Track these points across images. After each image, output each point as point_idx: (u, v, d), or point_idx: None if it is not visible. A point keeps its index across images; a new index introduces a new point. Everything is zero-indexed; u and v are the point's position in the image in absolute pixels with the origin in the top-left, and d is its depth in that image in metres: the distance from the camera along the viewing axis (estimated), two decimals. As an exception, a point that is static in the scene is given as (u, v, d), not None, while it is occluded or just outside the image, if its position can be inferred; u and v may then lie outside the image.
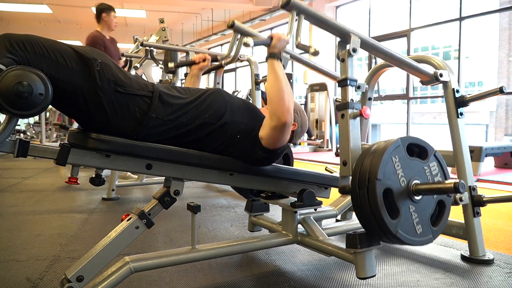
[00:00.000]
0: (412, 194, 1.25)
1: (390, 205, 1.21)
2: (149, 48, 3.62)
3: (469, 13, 7.02)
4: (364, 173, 1.23)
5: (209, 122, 1.39)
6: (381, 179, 1.19)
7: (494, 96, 1.83)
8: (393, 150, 1.24)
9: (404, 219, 1.22)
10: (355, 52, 1.39)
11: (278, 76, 1.39)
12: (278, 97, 1.36)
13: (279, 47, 1.41)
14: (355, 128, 1.35)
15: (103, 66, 1.20)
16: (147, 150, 1.28)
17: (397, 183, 1.23)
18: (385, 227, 1.18)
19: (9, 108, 1.05)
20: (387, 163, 1.22)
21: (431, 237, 1.28)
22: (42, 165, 5.61)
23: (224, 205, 3.01)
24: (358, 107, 1.36)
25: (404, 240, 1.21)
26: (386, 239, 1.26)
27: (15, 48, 1.08)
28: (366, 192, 1.21)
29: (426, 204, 1.28)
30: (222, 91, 1.50)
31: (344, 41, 1.43)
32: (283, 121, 1.36)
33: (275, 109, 1.36)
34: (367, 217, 1.22)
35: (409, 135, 1.36)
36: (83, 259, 1.23)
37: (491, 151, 4.44)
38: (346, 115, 1.35)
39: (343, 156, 1.35)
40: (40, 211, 2.77)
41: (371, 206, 1.19)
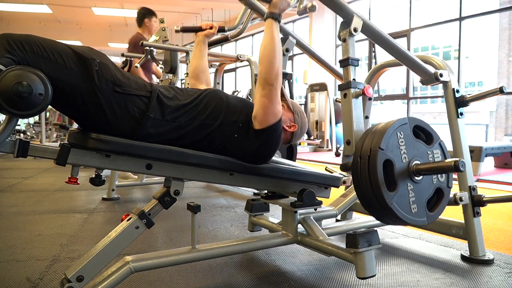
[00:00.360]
0: (412, 173, 1.25)
1: (389, 177, 1.21)
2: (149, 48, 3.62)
3: (469, 13, 7.02)
4: (367, 144, 1.23)
5: (207, 123, 1.39)
6: (383, 149, 1.19)
7: (494, 96, 1.83)
8: (399, 125, 1.25)
9: (401, 194, 1.21)
10: (356, 32, 1.40)
11: (274, 38, 1.36)
12: (269, 59, 1.35)
13: (280, 7, 1.38)
14: (357, 107, 1.35)
15: (101, 66, 1.20)
16: (147, 150, 1.28)
17: (398, 157, 1.23)
18: (381, 197, 1.18)
19: (9, 108, 1.05)
20: (392, 136, 1.22)
21: (425, 220, 1.27)
22: (42, 165, 5.62)
23: (224, 205, 3.01)
24: (360, 86, 1.36)
25: (397, 213, 1.19)
26: (380, 213, 1.24)
27: (14, 48, 1.08)
28: (367, 161, 1.20)
29: (424, 187, 1.28)
30: (218, 91, 1.50)
31: (347, 21, 1.44)
32: (270, 83, 1.35)
33: (264, 72, 1.35)
34: (365, 185, 1.21)
35: (418, 118, 1.35)
36: (83, 259, 1.23)
37: (491, 151, 4.45)
38: (348, 94, 1.35)
39: (346, 135, 1.35)
40: (40, 211, 2.77)
41: (370, 174, 1.19)
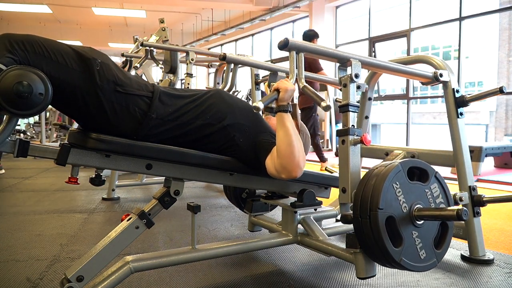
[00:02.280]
0: (414, 220, 1.23)
1: (393, 233, 1.20)
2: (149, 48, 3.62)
3: (469, 13, 7.02)
4: (365, 201, 1.22)
5: (210, 123, 1.39)
6: (382, 208, 1.18)
7: (494, 96, 1.83)
8: (393, 176, 1.22)
9: (408, 246, 1.21)
10: (357, 77, 1.36)
11: (288, 130, 1.33)
12: (288, 152, 1.31)
13: (287, 99, 1.36)
14: (355, 154, 1.32)
15: (103, 66, 1.20)
16: (147, 150, 1.28)
17: (399, 209, 1.21)
18: (389, 255, 1.18)
19: (9, 107, 1.05)
20: (388, 190, 1.20)
21: (435, 261, 1.26)
22: (42, 165, 5.61)
23: (224, 205, 3.01)
24: (359, 134, 1.33)
25: (408, 267, 1.20)
26: (391, 266, 1.26)
27: (15, 48, 1.08)
28: (368, 221, 1.19)
29: (428, 228, 1.26)
30: (223, 93, 1.50)
31: (344, 65, 1.43)
32: (293, 176, 1.33)
33: (285, 164, 1.31)
34: (371, 245, 1.21)
35: (408, 158, 1.33)
36: (83, 259, 1.23)
37: (491, 151, 4.44)
38: (346, 141, 1.32)
39: (342, 183, 1.33)
40: (40, 211, 2.77)
41: (374, 235, 1.18)
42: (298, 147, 1.33)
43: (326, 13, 10.02)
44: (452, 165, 1.88)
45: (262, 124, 1.51)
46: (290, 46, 1.33)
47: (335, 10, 10.21)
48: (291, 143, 1.32)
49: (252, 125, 1.46)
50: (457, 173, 1.83)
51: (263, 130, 1.48)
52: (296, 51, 1.36)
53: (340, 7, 10.20)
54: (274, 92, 1.36)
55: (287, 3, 9.97)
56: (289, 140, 1.32)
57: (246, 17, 11.81)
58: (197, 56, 3.52)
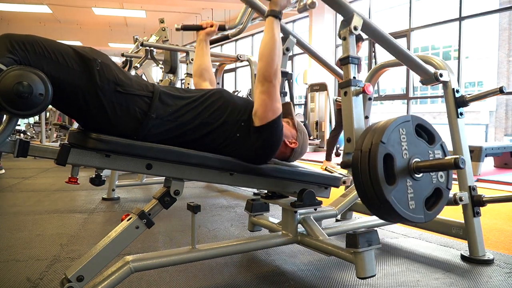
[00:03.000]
0: (412, 170, 1.24)
1: (388, 172, 1.20)
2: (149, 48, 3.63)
3: (469, 13, 7.02)
4: (369, 138, 1.22)
5: (209, 122, 1.39)
6: (384, 143, 1.18)
7: (494, 96, 1.83)
8: (402, 122, 1.24)
9: (399, 189, 1.21)
10: (356, 30, 1.40)
11: (274, 36, 1.36)
12: (269, 57, 1.36)
13: (280, 4, 1.38)
14: (358, 105, 1.35)
15: (103, 66, 1.20)
16: (147, 150, 1.28)
17: (399, 153, 1.22)
18: (380, 190, 1.17)
19: (9, 108, 1.05)
20: (394, 131, 1.22)
21: (422, 218, 1.26)
22: (42, 165, 5.62)
23: (224, 205, 3.01)
24: (360, 84, 1.36)
25: (395, 207, 1.19)
26: (378, 208, 1.23)
27: (16, 48, 1.08)
28: (367, 154, 1.20)
29: (423, 185, 1.28)
30: (223, 91, 1.50)
31: (347, 20, 1.44)
32: (269, 80, 1.36)
33: (264, 69, 1.36)
34: (364, 179, 1.20)
35: (420, 117, 1.36)
36: (83, 259, 1.23)
37: (491, 151, 4.45)
38: (349, 92, 1.35)
39: (347, 133, 1.35)
40: (40, 211, 2.77)
41: (370, 167, 1.18)
42: (279, 55, 1.37)
43: (326, 13, 10.03)
44: (452, 165, 1.88)
45: None
46: None
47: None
48: (274, 48, 1.36)
49: (248, 117, 1.45)
50: (457, 173, 1.83)
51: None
52: None
53: (340, 7, 10.19)
54: None
55: (287, 3, 9.96)
56: (273, 46, 1.36)
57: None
58: (197, 56, 3.51)
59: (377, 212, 1.27)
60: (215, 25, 1.86)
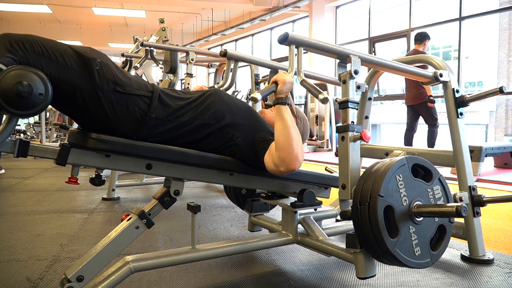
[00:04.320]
0: (413, 215, 1.22)
1: (390, 224, 1.19)
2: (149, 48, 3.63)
3: (469, 13, 7.02)
4: (366, 189, 1.21)
5: (209, 123, 1.39)
6: (383, 196, 1.17)
7: (494, 96, 1.84)
8: (397, 168, 1.22)
9: (403, 239, 1.20)
10: (357, 74, 1.37)
11: (286, 122, 1.33)
12: (286, 145, 1.31)
13: (285, 91, 1.36)
14: (355, 151, 1.32)
15: (102, 66, 1.20)
16: (147, 150, 1.28)
17: (399, 202, 1.21)
18: (384, 245, 1.17)
19: (9, 107, 1.05)
20: (391, 180, 1.20)
21: (429, 261, 1.25)
22: (42, 165, 5.62)
23: (224, 205, 3.01)
24: (358, 130, 1.33)
25: (401, 260, 1.19)
26: (384, 259, 1.24)
27: (15, 47, 1.08)
28: (367, 208, 1.19)
29: (426, 227, 1.26)
30: (221, 92, 1.50)
31: (343, 62, 1.43)
32: (292, 169, 1.33)
33: (284, 157, 1.31)
34: (366, 234, 1.20)
35: (415, 155, 1.34)
36: (83, 259, 1.23)
37: (491, 151, 4.44)
38: (346, 137, 1.32)
39: (342, 179, 1.33)
40: (40, 211, 2.77)
41: (371, 222, 1.18)
42: (297, 139, 1.33)
43: (326, 13, 10.03)
44: (452, 165, 1.88)
45: (260, 122, 1.51)
46: (289, 40, 1.34)
47: (335, 10, 10.21)
48: (289, 135, 1.32)
49: (250, 124, 1.46)
50: (457, 173, 1.83)
51: (261, 128, 1.48)
52: (296, 45, 1.37)
53: (340, 7, 10.20)
54: (272, 84, 1.36)
55: (287, 3, 9.98)
56: (288, 133, 1.32)
57: (246, 17, 11.82)
58: (197, 56, 3.52)
59: (384, 262, 1.27)
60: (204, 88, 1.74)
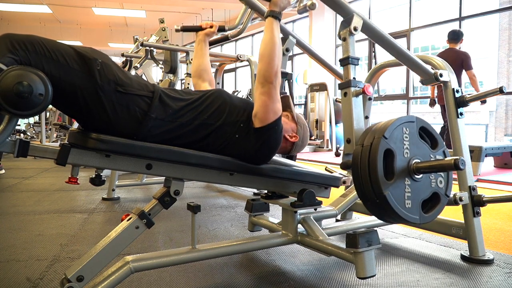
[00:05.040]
0: (411, 170, 1.23)
1: (388, 167, 1.19)
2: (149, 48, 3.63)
3: (469, 13, 7.02)
4: (371, 134, 1.22)
5: (208, 123, 1.39)
6: (387, 138, 1.17)
7: (494, 96, 1.84)
8: (406, 121, 1.23)
9: (397, 186, 1.19)
10: (356, 31, 1.40)
11: (274, 37, 1.36)
12: (269, 58, 1.35)
13: (280, 5, 1.37)
14: (358, 105, 1.35)
15: (103, 66, 1.20)
16: (147, 150, 1.28)
17: (400, 151, 1.21)
18: (377, 184, 1.16)
19: (9, 108, 1.05)
20: (397, 128, 1.21)
21: (418, 218, 1.25)
22: (42, 165, 5.62)
23: (224, 205, 3.01)
24: (360, 85, 1.36)
25: (390, 203, 1.17)
26: (374, 200, 1.21)
27: (16, 48, 1.08)
28: (369, 148, 1.18)
29: (422, 187, 1.26)
30: (223, 92, 1.50)
31: (347, 20, 1.44)
32: (269, 81, 1.36)
33: (264, 70, 1.36)
34: (362, 172, 1.19)
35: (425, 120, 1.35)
36: (83, 259, 1.23)
37: (491, 151, 4.45)
38: (348, 93, 1.35)
39: (347, 134, 1.35)
40: (40, 211, 2.77)
41: (370, 160, 1.17)
42: (279, 55, 1.37)
43: (326, 13, 10.03)
44: (452, 165, 1.88)
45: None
46: None
47: (335, 10, 10.20)
48: (274, 49, 1.36)
49: (247, 118, 1.45)
50: (457, 173, 1.83)
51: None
52: None
53: (340, 7, 10.19)
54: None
55: (287, 3, 9.96)
56: (273, 47, 1.36)
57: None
58: (197, 56, 3.51)
59: (373, 207, 1.25)
60: (215, 26, 1.86)
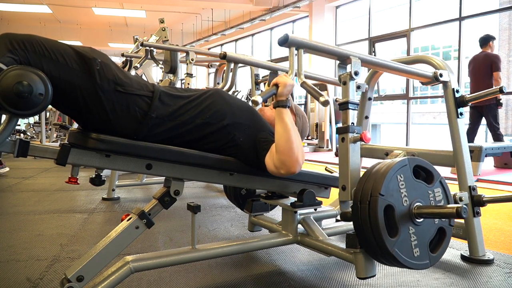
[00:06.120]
0: (413, 216, 1.22)
1: (390, 223, 1.19)
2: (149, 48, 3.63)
3: (469, 13, 7.02)
4: (367, 189, 1.21)
5: (210, 122, 1.39)
6: (384, 195, 1.17)
7: (494, 96, 1.83)
8: (399, 168, 1.22)
9: (403, 240, 1.20)
10: (357, 75, 1.37)
11: (287, 125, 1.33)
12: (287, 148, 1.31)
13: (285, 94, 1.36)
14: (355, 152, 1.32)
15: (103, 66, 1.20)
16: (147, 150, 1.28)
17: (399, 202, 1.21)
18: (383, 244, 1.17)
19: (9, 107, 1.05)
20: (392, 180, 1.20)
21: (428, 263, 1.25)
22: (42, 165, 5.62)
23: (224, 205, 3.01)
24: (358, 131, 1.33)
25: (400, 260, 1.19)
26: (383, 259, 1.23)
27: (16, 47, 1.08)
28: (367, 207, 1.19)
29: (426, 229, 1.26)
30: (222, 92, 1.50)
31: (344, 63, 1.43)
32: (292, 171, 1.33)
33: (284, 160, 1.31)
34: (366, 233, 1.20)
35: (417, 157, 1.34)
36: (83, 259, 1.23)
37: (491, 151, 4.44)
38: (346, 139, 1.32)
39: (342, 180, 1.32)
40: (40, 211, 2.77)
41: (371, 221, 1.17)
42: (297, 142, 1.33)
43: (326, 13, 10.03)
44: (452, 165, 1.88)
45: (261, 122, 1.51)
46: (289, 42, 1.34)
47: (335, 10, 10.21)
48: (289, 138, 1.32)
49: (252, 124, 1.46)
50: (457, 173, 1.83)
51: (262, 128, 1.48)
52: (296, 47, 1.37)
53: (340, 7, 10.20)
54: (273, 86, 1.36)
55: (287, 3, 9.98)
56: (288, 136, 1.32)
57: (246, 17, 11.81)
58: (197, 56, 3.52)
59: (383, 262, 1.26)
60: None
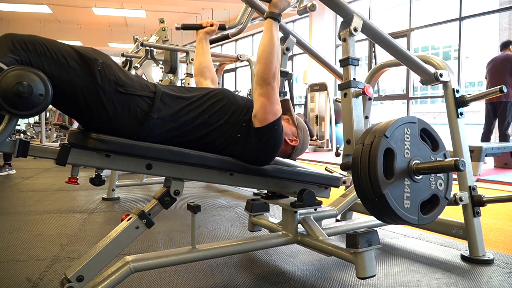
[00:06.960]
0: (411, 171, 1.23)
1: (388, 166, 1.19)
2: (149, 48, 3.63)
3: (469, 13, 7.02)
4: (372, 134, 1.22)
5: (210, 122, 1.39)
6: (388, 137, 1.17)
7: (494, 96, 1.83)
8: (407, 121, 1.23)
9: (396, 186, 1.19)
10: (356, 31, 1.40)
11: (273, 38, 1.37)
12: (267, 60, 1.36)
13: (280, 6, 1.38)
14: (358, 106, 1.35)
15: (104, 66, 1.20)
16: (147, 150, 1.28)
17: (401, 151, 1.21)
18: (376, 183, 1.16)
19: (9, 108, 1.05)
20: (398, 128, 1.21)
21: (416, 219, 1.24)
22: (42, 165, 5.62)
23: (224, 205, 3.01)
24: (360, 86, 1.36)
25: (389, 202, 1.17)
26: (372, 199, 1.21)
27: (17, 48, 1.08)
28: (369, 146, 1.18)
29: (421, 188, 1.26)
30: (226, 91, 1.50)
31: (347, 21, 1.44)
32: (268, 82, 1.36)
33: (262, 72, 1.36)
34: (362, 170, 1.19)
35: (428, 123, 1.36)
36: (83, 259, 1.23)
37: (491, 151, 4.45)
38: (348, 94, 1.35)
39: (346, 134, 1.35)
40: (40, 211, 2.77)
41: (370, 159, 1.17)
42: (278, 57, 1.37)
43: (326, 13, 10.03)
44: (452, 165, 1.87)
45: None
46: None
47: (335, 10, 10.20)
48: (272, 51, 1.36)
49: (250, 118, 1.45)
50: (457, 173, 1.83)
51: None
52: None
53: (340, 7, 10.19)
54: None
55: (287, 3, 9.96)
56: (272, 48, 1.36)
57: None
58: (197, 56, 3.51)
59: (372, 207, 1.25)
60: (215, 25, 1.86)
